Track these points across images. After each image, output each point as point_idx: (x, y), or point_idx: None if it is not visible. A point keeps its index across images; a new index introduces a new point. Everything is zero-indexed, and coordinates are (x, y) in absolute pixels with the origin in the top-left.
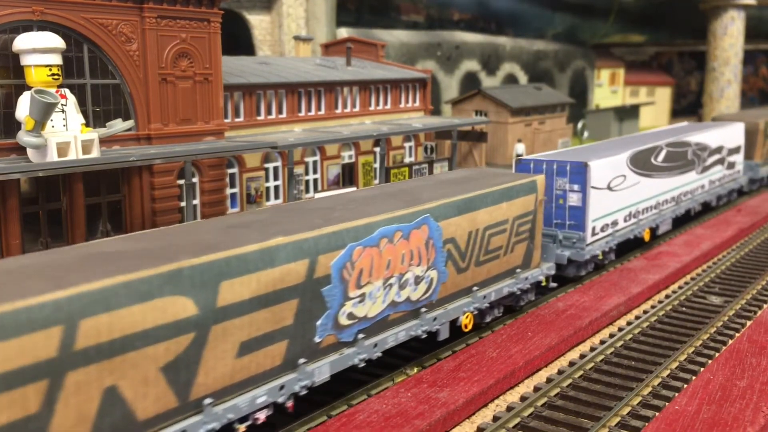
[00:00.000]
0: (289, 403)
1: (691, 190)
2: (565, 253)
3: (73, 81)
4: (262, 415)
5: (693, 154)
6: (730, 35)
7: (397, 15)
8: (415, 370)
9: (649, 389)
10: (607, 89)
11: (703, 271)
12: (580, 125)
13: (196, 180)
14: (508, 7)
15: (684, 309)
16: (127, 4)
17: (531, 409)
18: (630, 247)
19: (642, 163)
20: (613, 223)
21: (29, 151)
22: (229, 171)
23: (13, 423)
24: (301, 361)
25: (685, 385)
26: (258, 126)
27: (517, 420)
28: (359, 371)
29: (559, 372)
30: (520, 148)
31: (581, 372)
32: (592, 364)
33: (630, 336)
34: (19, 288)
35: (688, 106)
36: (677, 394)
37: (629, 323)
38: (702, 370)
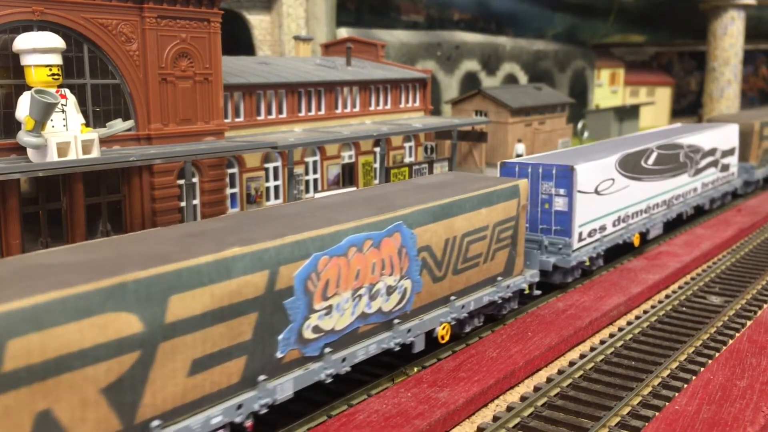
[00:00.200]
0: (248, 423)
1: (683, 194)
2: (551, 260)
3: (73, 81)
4: None
5: (685, 157)
6: (730, 35)
7: (397, 15)
8: (415, 370)
9: (649, 389)
10: (607, 89)
11: (703, 271)
12: (580, 125)
13: (196, 180)
14: (508, 7)
15: (684, 309)
16: (127, 4)
17: (531, 409)
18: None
19: (632, 166)
20: (601, 228)
21: (29, 151)
22: (229, 171)
23: None
24: (262, 377)
25: (685, 385)
26: (258, 126)
27: (517, 420)
28: (360, 371)
29: (559, 372)
30: (520, 148)
31: (581, 372)
32: (592, 364)
33: (630, 336)
34: None
35: (688, 106)
36: (677, 394)
37: (629, 323)
38: (702, 370)
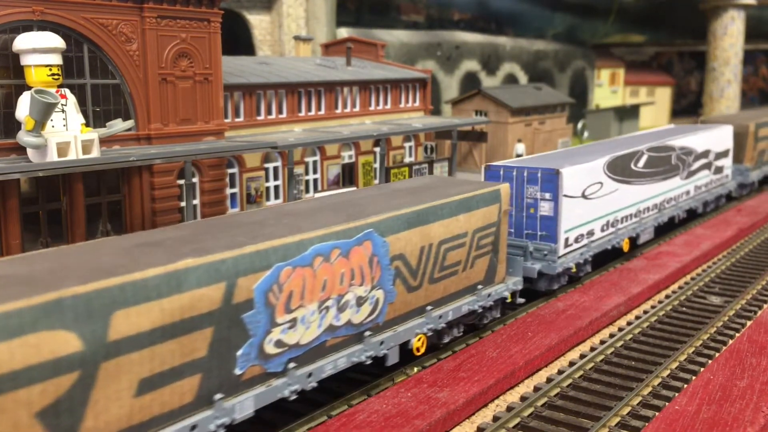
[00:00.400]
0: None
1: (674, 197)
2: (536, 266)
3: (73, 81)
4: None
5: (677, 159)
6: (730, 35)
7: (397, 15)
8: (415, 370)
9: (649, 389)
10: (607, 89)
11: (703, 271)
12: (580, 125)
13: (196, 180)
14: (508, 7)
15: (684, 309)
16: (127, 4)
17: (531, 409)
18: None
19: (621, 170)
20: (589, 233)
21: (29, 151)
22: (229, 171)
23: None
24: (218, 396)
25: (685, 385)
26: (258, 126)
27: (517, 420)
28: (360, 371)
29: (559, 372)
30: (520, 148)
31: (581, 372)
32: (592, 364)
33: (630, 336)
34: None
35: (688, 106)
36: (677, 394)
37: (629, 323)
38: (702, 370)
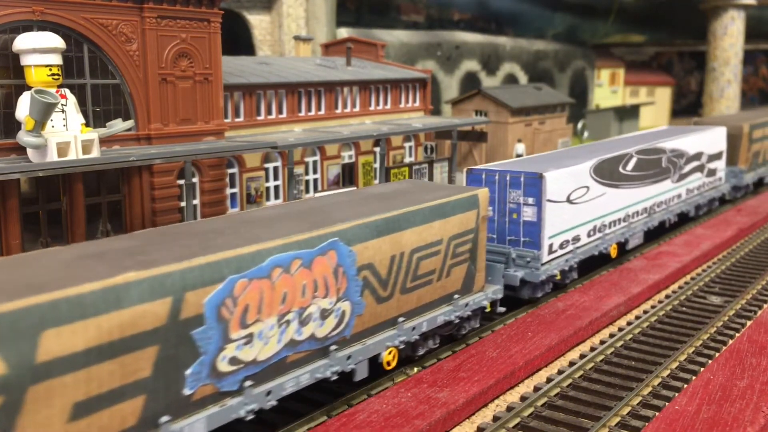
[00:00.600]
0: None
1: (665, 201)
2: (518, 274)
3: (73, 81)
4: None
5: (668, 162)
6: (730, 35)
7: (397, 15)
8: (415, 370)
9: (649, 389)
10: (607, 89)
11: (703, 271)
12: (580, 125)
13: (196, 180)
14: (508, 7)
15: (684, 309)
16: (127, 4)
17: (531, 409)
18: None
19: (608, 173)
20: (575, 239)
21: (29, 151)
22: (229, 171)
23: None
24: (165, 419)
25: (685, 385)
26: (258, 126)
27: (517, 420)
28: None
29: (559, 372)
30: (520, 148)
31: (581, 372)
32: (592, 364)
33: (630, 336)
34: None
35: (688, 106)
36: (677, 394)
37: (629, 323)
38: (702, 370)
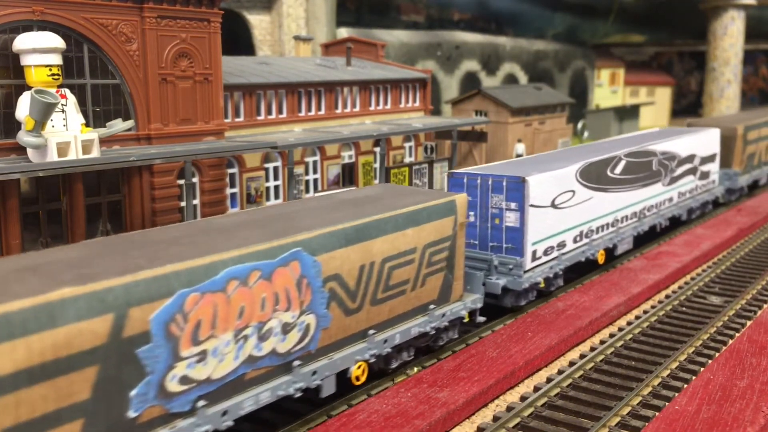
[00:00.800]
0: None
1: (656, 204)
2: (500, 282)
3: (73, 81)
4: None
5: (659, 164)
6: (730, 35)
7: (397, 15)
8: (415, 370)
9: (649, 389)
10: (607, 89)
11: (703, 271)
12: (580, 125)
13: (196, 180)
14: (508, 7)
15: (684, 309)
16: (127, 4)
17: (531, 409)
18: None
19: (595, 177)
20: (560, 245)
21: (29, 151)
22: (229, 171)
23: None
24: None
25: (685, 385)
26: (258, 126)
27: (517, 420)
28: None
29: (559, 372)
30: (520, 148)
31: (581, 372)
32: (592, 364)
33: (630, 336)
34: None
35: (688, 106)
36: (677, 394)
37: (629, 323)
38: (702, 370)
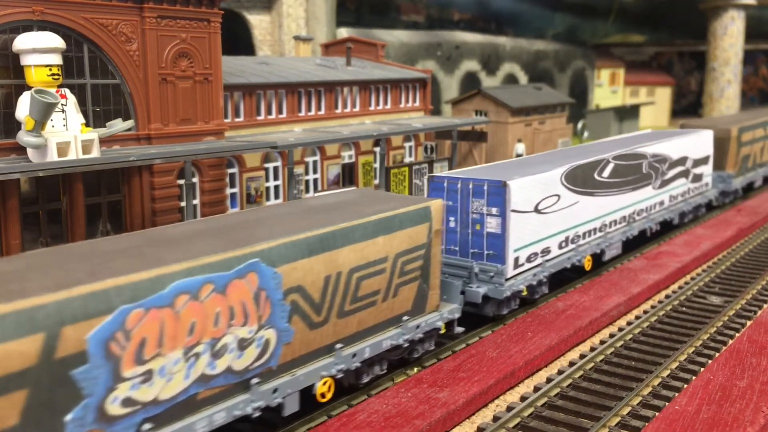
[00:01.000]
0: None
1: (646, 208)
2: (481, 290)
3: (73, 81)
4: None
5: (649, 167)
6: (730, 35)
7: (397, 15)
8: (415, 370)
9: (649, 389)
10: (607, 89)
11: (703, 271)
12: (580, 125)
13: (196, 180)
14: (508, 7)
15: (684, 309)
16: (127, 4)
17: (531, 409)
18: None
19: (582, 180)
20: (544, 251)
21: (29, 151)
22: (229, 171)
23: None
24: None
25: (685, 385)
26: (258, 126)
27: (517, 420)
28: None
29: (559, 372)
30: (520, 148)
31: (581, 372)
32: (592, 364)
33: (630, 336)
34: None
35: (688, 106)
36: (677, 394)
37: (629, 323)
38: (702, 370)
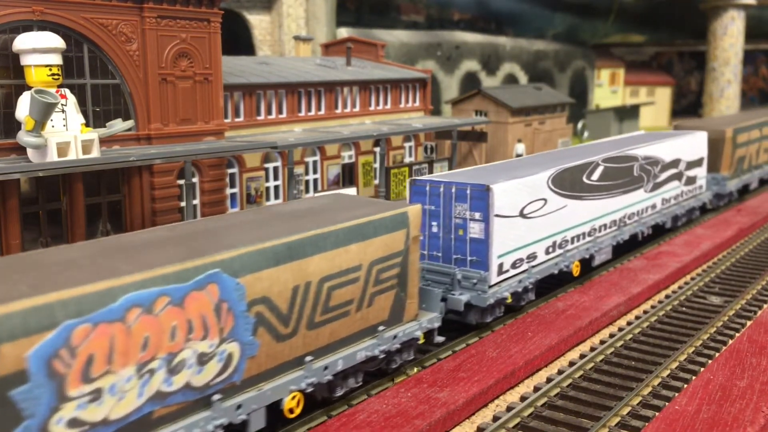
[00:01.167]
0: None
1: (637, 212)
2: (463, 297)
3: (73, 81)
4: None
5: (640, 170)
6: (730, 35)
7: (397, 15)
8: (415, 370)
9: (649, 389)
10: (607, 89)
11: (703, 271)
12: (580, 125)
13: (196, 180)
14: (508, 7)
15: (684, 309)
16: (127, 4)
17: (531, 409)
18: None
19: (570, 184)
20: (530, 256)
21: (29, 151)
22: (229, 171)
23: None
24: None
25: (685, 385)
26: (258, 126)
27: (517, 420)
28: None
29: (559, 372)
30: (520, 148)
31: (581, 372)
32: (592, 364)
33: (630, 336)
34: None
35: (688, 106)
36: (677, 394)
37: (629, 323)
38: (702, 370)
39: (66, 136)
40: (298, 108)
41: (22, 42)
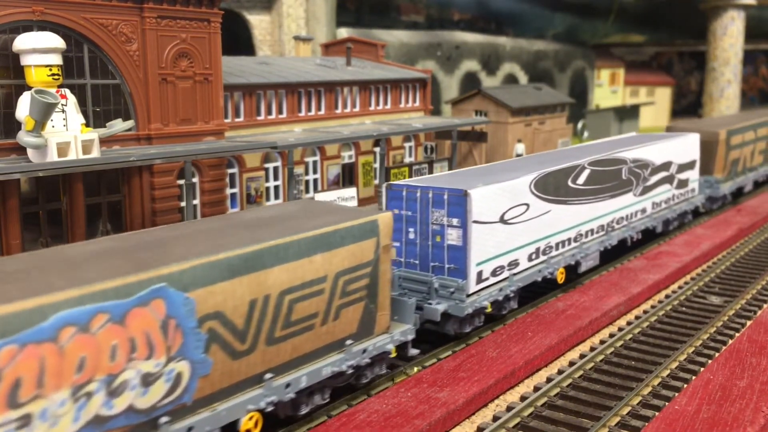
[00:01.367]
0: None
1: (626, 216)
2: (440, 307)
3: (73, 81)
4: None
5: (629, 173)
6: (730, 35)
7: (397, 15)
8: (415, 370)
9: (649, 389)
10: (607, 89)
11: (703, 271)
12: (580, 125)
13: (196, 180)
14: (508, 7)
15: (684, 309)
16: (127, 4)
17: (531, 409)
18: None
19: (554, 188)
20: (512, 264)
21: (29, 151)
22: (229, 171)
23: None
24: None
25: (685, 385)
26: (258, 126)
27: (517, 420)
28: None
29: (559, 372)
30: (520, 148)
31: (581, 372)
32: (592, 364)
33: (630, 336)
34: None
35: (688, 106)
36: (677, 394)
37: (629, 323)
38: (702, 370)
39: (66, 136)
40: (298, 108)
41: (22, 42)
